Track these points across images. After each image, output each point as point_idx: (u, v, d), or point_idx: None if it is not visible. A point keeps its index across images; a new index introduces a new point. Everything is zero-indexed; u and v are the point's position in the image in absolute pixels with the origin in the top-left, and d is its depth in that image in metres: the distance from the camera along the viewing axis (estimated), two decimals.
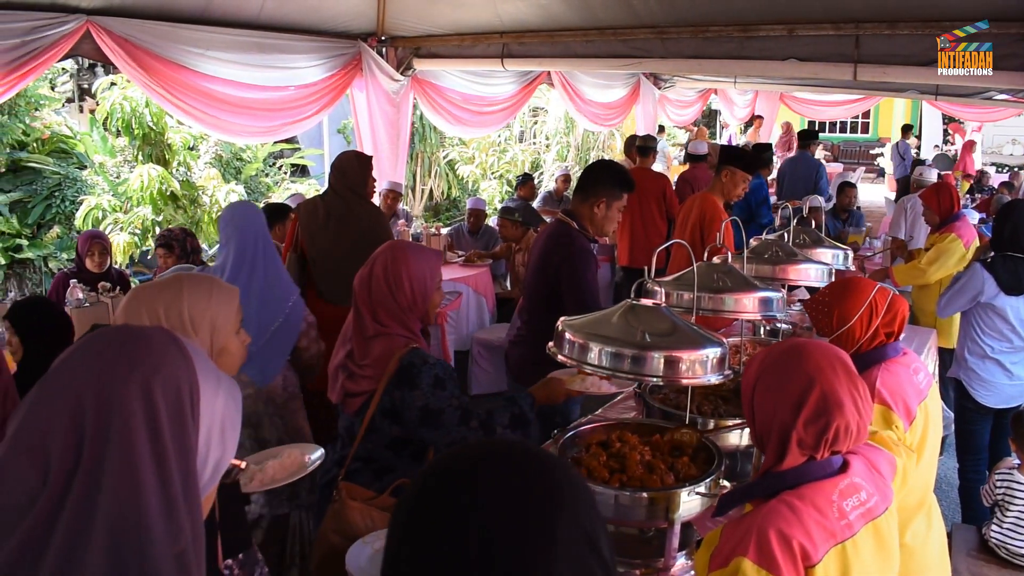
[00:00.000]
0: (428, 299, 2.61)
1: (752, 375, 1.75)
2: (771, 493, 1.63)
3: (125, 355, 1.10)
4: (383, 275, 2.56)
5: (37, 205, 10.13)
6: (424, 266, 2.59)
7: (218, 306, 2.00)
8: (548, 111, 14.80)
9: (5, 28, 4.63)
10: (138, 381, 1.07)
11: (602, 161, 4.18)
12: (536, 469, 0.94)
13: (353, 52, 7.12)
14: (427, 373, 2.49)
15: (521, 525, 0.88)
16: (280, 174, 12.98)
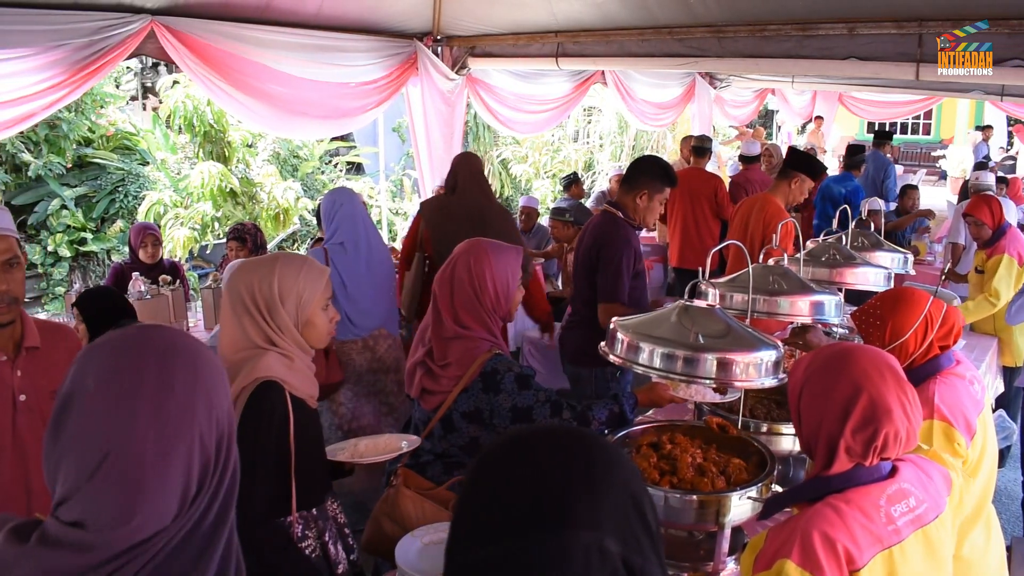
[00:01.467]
0: (511, 298, 2.63)
1: (798, 381, 1.73)
2: (817, 497, 1.61)
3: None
4: (466, 276, 2.57)
5: (101, 200, 10.40)
6: (506, 264, 2.60)
7: (306, 282, 2.18)
8: (602, 110, 14.75)
9: (74, 28, 4.76)
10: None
11: (647, 156, 4.38)
12: (587, 439, 1.01)
13: (409, 51, 7.18)
14: (509, 376, 2.53)
15: (568, 482, 0.94)
16: (336, 171, 13.14)
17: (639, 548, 0.95)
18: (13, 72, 4.64)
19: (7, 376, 2.15)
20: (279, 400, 2.08)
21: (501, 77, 8.01)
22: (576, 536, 0.91)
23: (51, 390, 2.20)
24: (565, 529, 0.91)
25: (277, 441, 2.08)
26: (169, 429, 1.08)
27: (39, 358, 2.22)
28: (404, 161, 13.81)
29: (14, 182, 9.90)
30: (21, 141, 9.60)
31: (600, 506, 0.93)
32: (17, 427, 2.15)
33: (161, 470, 1.07)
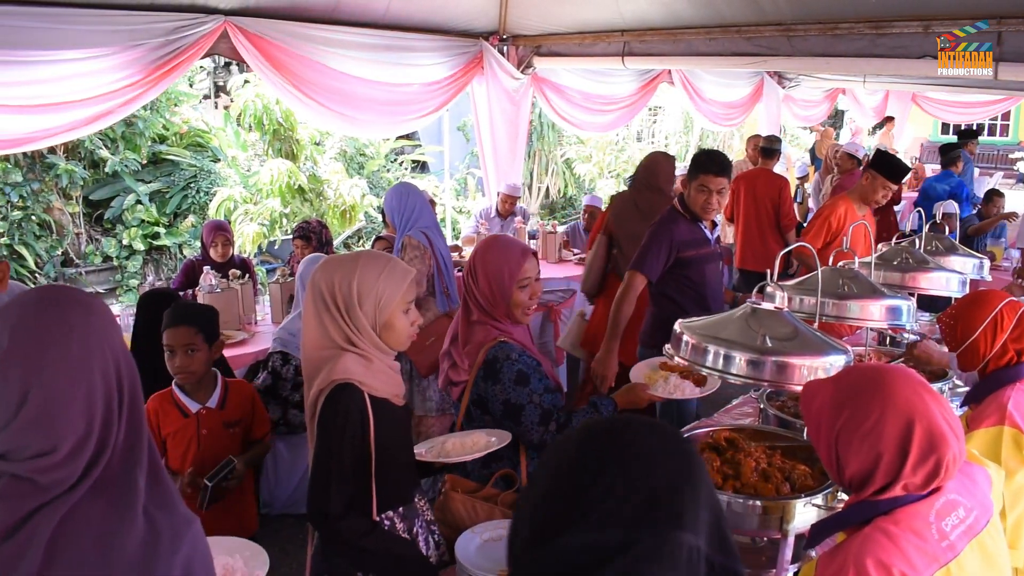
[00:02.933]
0: (507, 295, 2.61)
1: (826, 418, 1.60)
2: (864, 520, 1.54)
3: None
4: (470, 267, 2.67)
5: (174, 195, 10.67)
6: (501, 262, 2.60)
7: (386, 284, 2.14)
8: (666, 110, 14.62)
9: (151, 28, 4.89)
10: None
11: (705, 150, 4.72)
12: (682, 437, 1.07)
13: (475, 51, 7.21)
14: (509, 368, 2.53)
15: (679, 481, 1.00)
16: (401, 169, 13.26)
17: (721, 547, 0.99)
18: (93, 71, 4.79)
19: None
20: (355, 402, 2.10)
21: (567, 76, 8.00)
22: (684, 538, 0.96)
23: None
24: (677, 530, 0.96)
25: (353, 443, 2.10)
26: (75, 370, 1.25)
27: None
28: (468, 160, 13.88)
29: (92, 177, 10.22)
30: (99, 138, 9.90)
31: (699, 508, 0.98)
32: None
33: (71, 406, 1.24)
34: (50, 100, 4.72)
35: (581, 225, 7.68)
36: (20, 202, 9.22)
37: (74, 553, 1.21)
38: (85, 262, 10.11)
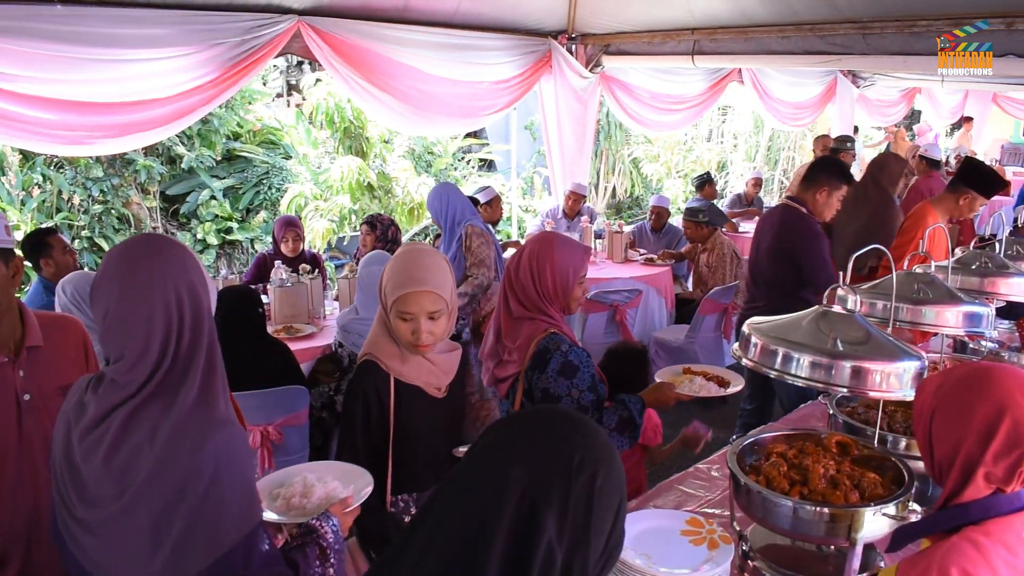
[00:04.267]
0: (568, 292, 2.67)
1: (927, 402, 1.60)
2: (953, 528, 1.49)
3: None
4: (529, 263, 2.66)
5: (247, 191, 10.91)
6: (568, 259, 2.66)
7: (390, 288, 2.27)
8: (736, 109, 14.43)
9: (227, 28, 5.02)
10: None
11: (826, 156, 5.06)
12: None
13: (543, 49, 7.22)
14: (556, 359, 2.56)
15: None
16: (468, 168, 13.34)
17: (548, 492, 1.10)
18: (171, 70, 4.94)
19: (9, 377, 2.13)
20: (373, 380, 2.25)
21: (636, 75, 7.96)
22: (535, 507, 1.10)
23: (58, 386, 2.19)
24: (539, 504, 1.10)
25: (365, 416, 2.25)
26: (138, 298, 1.53)
27: (42, 356, 2.20)
28: (535, 159, 13.89)
29: (169, 173, 10.52)
30: (176, 135, 10.17)
31: (569, 498, 1.11)
32: (23, 427, 2.14)
33: (135, 324, 1.53)
34: (132, 98, 4.88)
35: (648, 225, 7.63)
36: (101, 196, 9.54)
37: (130, 445, 1.50)
38: None
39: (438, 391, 2.34)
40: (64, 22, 4.43)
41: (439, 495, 1.17)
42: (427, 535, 1.14)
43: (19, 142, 5.13)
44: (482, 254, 4.76)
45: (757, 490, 1.93)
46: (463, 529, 1.11)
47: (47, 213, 9.14)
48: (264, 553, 1.59)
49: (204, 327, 1.60)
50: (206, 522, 1.49)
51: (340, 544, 1.82)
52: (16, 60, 4.36)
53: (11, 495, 2.13)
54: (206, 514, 1.49)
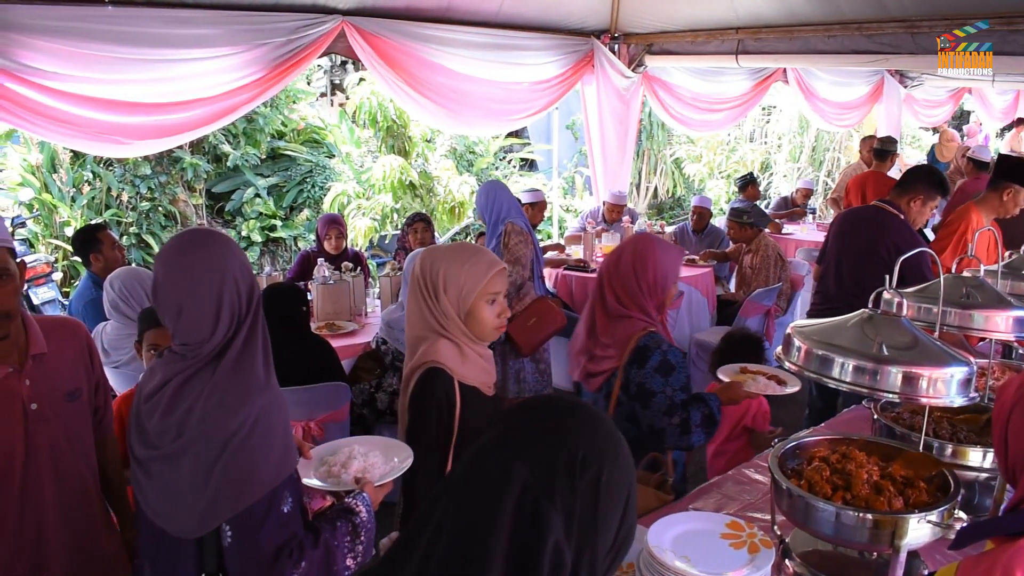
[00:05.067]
0: (666, 289, 2.80)
1: (1007, 401, 1.55)
2: (1020, 531, 1.47)
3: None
4: (631, 261, 2.77)
5: (291, 190, 11.03)
6: (667, 258, 2.79)
7: (468, 275, 2.23)
8: (780, 109, 14.27)
9: (273, 28, 5.08)
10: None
11: (923, 165, 5.07)
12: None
13: (586, 49, 7.21)
14: (656, 356, 2.68)
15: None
16: (510, 167, 13.36)
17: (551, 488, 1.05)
18: (218, 69, 5.02)
19: (16, 387, 2.09)
20: (443, 387, 2.23)
21: (678, 75, 7.91)
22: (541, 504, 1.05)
23: (65, 392, 2.21)
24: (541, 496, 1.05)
25: (439, 424, 2.23)
26: (202, 286, 1.72)
27: (48, 363, 2.17)
28: (576, 159, 13.87)
29: (215, 171, 10.67)
30: (222, 133, 10.32)
31: (575, 495, 1.06)
32: (31, 437, 2.11)
33: (204, 312, 1.72)
34: (179, 98, 4.97)
35: (689, 226, 7.58)
36: (148, 194, 9.71)
37: (184, 404, 1.71)
38: None
39: (490, 389, 2.38)
40: (114, 23, 4.52)
41: (441, 494, 1.13)
42: (430, 536, 1.09)
43: (69, 142, 5.24)
44: (519, 252, 4.78)
45: (799, 494, 1.91)
46: (465, 529, 1.07)
47: (96, 210, 9.33)
48: (283, 514, 1.74)
49: (252, 306, 1.80)
50: (237, 475, 1.68)
51: (372, 522, 1.92)
52: (66, 60, 4.46)
53: (19, 505, 2.10)
54: (238, 468, 1.68)
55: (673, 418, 2.66)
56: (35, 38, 4.31)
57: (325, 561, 1.80)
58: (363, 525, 1.89)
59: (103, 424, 2.44)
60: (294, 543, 1.75)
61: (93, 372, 2.35)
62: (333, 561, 1.82)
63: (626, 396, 2.74)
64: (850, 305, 4.21)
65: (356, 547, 1.87)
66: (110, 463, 2.48)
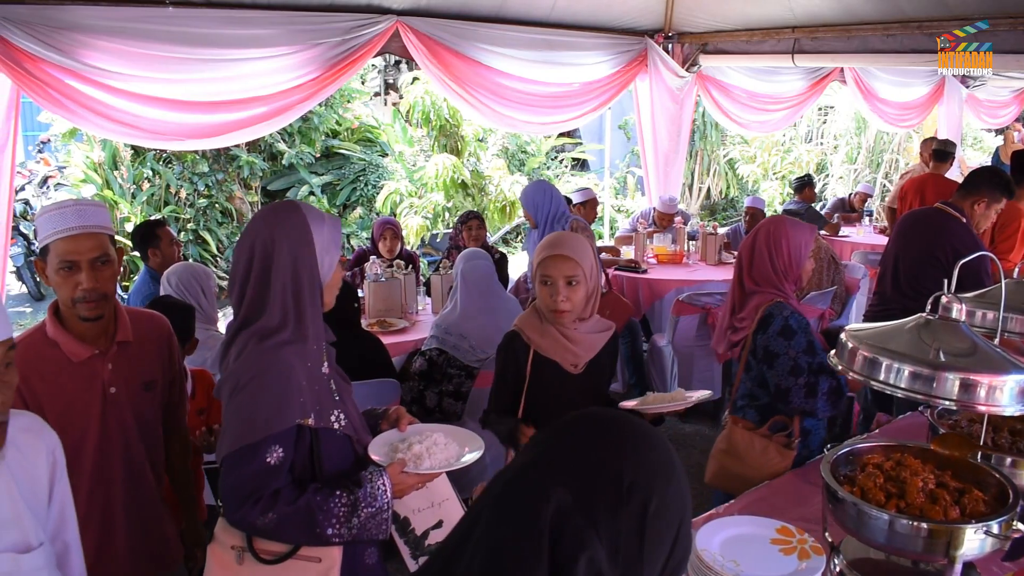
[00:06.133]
0: (801, 265, 2.94)
1: None
2: None
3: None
4: (765, 241, 2.94)
5: (344, 188, 11.16)
6: (800, 235, 2.94)
7: (536, 255, 2.64)
8: (837, 110, 14.04)
9: (329, 28, 5.15)
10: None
11: (988, 167, 4.88)
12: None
13: (639, 48, 7.17)
14: (778, 321, 2.81)
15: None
16: (561, 167, 13.35)
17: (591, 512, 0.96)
18: (274, 69, 5.10)
19: (99, 369, 2.19)
20: (516, 349, 2.63)
21: (733, 74, 7.83)
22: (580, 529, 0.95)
23: (142, 381, 2.30)
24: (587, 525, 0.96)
25: (504, 376, 2.68)
26: (239, 246, 1.95)
27: (130, 351, 2.27)
28: (628, 159, 13.80)
29: (270, 169, 10.84)
30: (278, 132, 10.47)
31: (618, 519, 0.97)
32: (106, 419, 2.20)
33: (274, 294, 1.91)
34: (236, 96, 5.05)
35: (743, 227, 7.49)
36: (205, 191, 9.90)
37: (231, 375, 1.88)
38: None
39: (574, 367, 2.60)
40: (174, 23, 4.62)
41: (478, 513, 1.03)
42: (467, 559, 0.99)
43: (129, 139, 5.37)
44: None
45: (852, 501, 1.87)
46: (501, 557, 0.96)
47: (155, 206, 9.54)
48: (266, 464, 1.84)
49: (272, 275, 1.90)
50: (236, 417, 1.86)
51: (381, 501, 1.93)
52: (128, 60, 4.57)
53: (89, 481, 2.19)
54: (238, 411, 1.86)
55: (799, 379, 2.75)
56: (98, 38, 4.43)
57: (306, 521, 1.85)
58: (364, 499, 1.90)
59: (175, 417, 2.53)
60: (266, 493, 1.84)
61: (171, 367, 2.43)
62: (314, 523, 1.86)
63: (755, 360, 2.90)
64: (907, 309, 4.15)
65: (351, 519, 1.89)
66: (178, 456, 2.58)
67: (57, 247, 2.08)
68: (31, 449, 1.65)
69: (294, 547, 1.93)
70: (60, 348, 2.15)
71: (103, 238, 2.14)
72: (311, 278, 1.93)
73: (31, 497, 1.64)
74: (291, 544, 1.92)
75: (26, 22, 4.21)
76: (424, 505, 2.25)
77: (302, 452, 1.92)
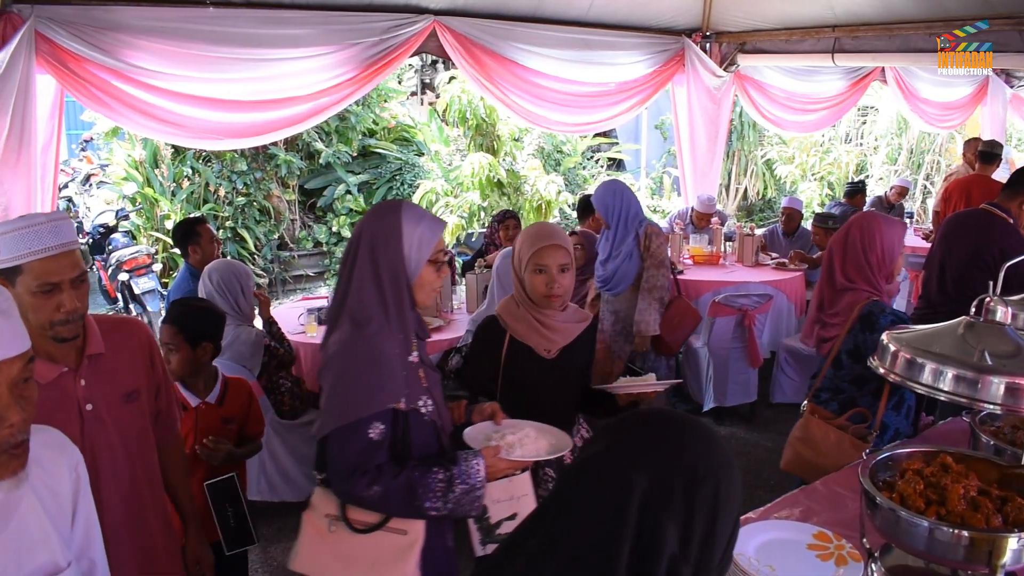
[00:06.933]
0: (893, 260, 3.01)
1: None
2: None
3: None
4: (858, 236, 3.01)
5: (381, 187, 11.23)
6: (894, 232, 3.01)
7: (522, 245, 2.71)
8: (878, 110, 13.84)
9: (367, 27, 5.18)
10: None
11: None
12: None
13: (676, 48, 7.13)
14: (884, 318, 2.89)
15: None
16: (597, 167, 13.31)
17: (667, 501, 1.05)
18: (312, 69, 5.14)
19: (70, 387, 2.04)
20: (494, 332, 2.73)
21: (771, 74, 7.75)
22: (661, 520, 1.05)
23: (122, 393, 2.16)
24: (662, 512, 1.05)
25: (477, 358, 2.82)
26: (363, 272, 2.09)
27: (104, 363, 2.11)
28: (665, 159, 13.73)
29: (308, 168, 10.94)
30: (315, 131, 10.57)
31: (696, 511, 1.06)
32: (86, 438, 2.03)
33: (368, 292, 2.08)
34: (275, 96, 5.10)
35: (780, 229, 7.40)
36: (244, 189, 10.00)
37: (332, 359, 2.04)
38: (298, 247, 10.84)
39: (547, 352, 2.69)
40: (214, 23, 4.67)
41: (550, 502, 1.14)
42: (540, 546, 1.09)
43: (170, 138, 5.43)
44: (661, 254, 4.75)
45: (891, 508, 1.84)
46: (582, 542, 1.06)
47: (195, 204, 9.66)
48: (370, 441, 1.99)
49: (363, 268, 2.07)
50: (340, 397, 2.00)
51: (475, 479, 2.06)
52: (169, 60, 4.63)
53: None
54: (342, 391, 2.01)
55: None
56: (140, 38, 4.50)
57: (407, 494, 2.00)
58: (459, 476, 2.03)
59: (165, 427, 2.39)
60: (371, 467, 1.99)
61: (154, 374, 2.30)
62: (415, 497, 2.00)
63: (850, 360, 2.96)
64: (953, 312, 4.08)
65: (448, 494, 2.02)
66: (173, 466, 2.44)
67: (33, 268, 1.91)
68: (54, 466, 1.59)
69: (384, 519, 2.06)
70: None
71: (78, 254, 2.01)
72: (394, 273, 2.07)
73: (57, 515, 1.58)
74: (392, 515, 2.06)
75: (71, 22, 4.27)
76: (504, 497, 2.37)
77: (395, 433, 2.06)
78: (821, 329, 3.11)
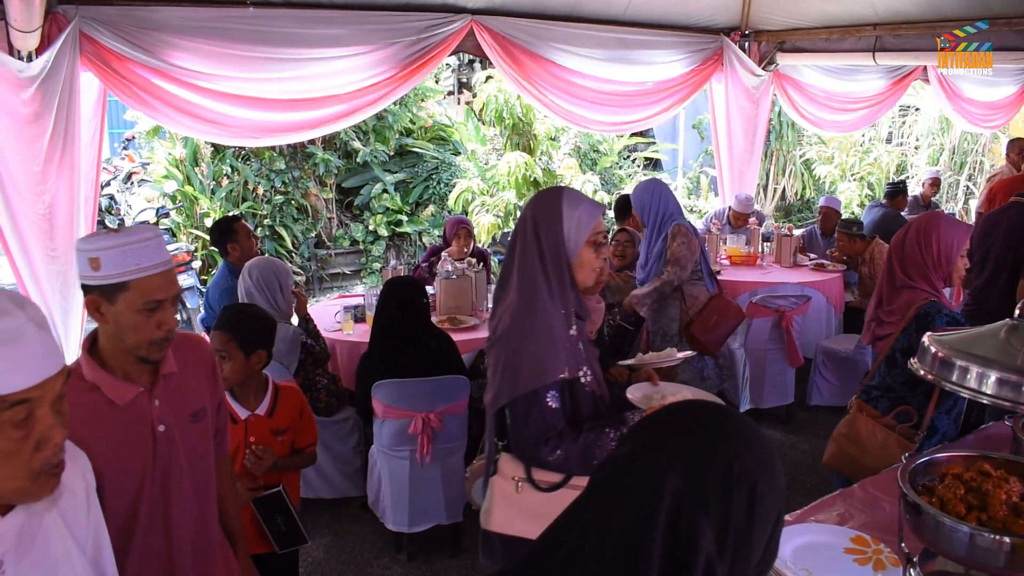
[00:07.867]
0: (951, 262, 2.99)
1: None
2: None
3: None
4: (916, 236, 3.02)
5: (417, 186, 11.28)
6: (953, 233, 2.99)
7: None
8: (920, 109, 13.62)
9: (405, 27, 5.21)
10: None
11: None
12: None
13: (715, 47, 7.08)
14: (940, 319, 2.89)
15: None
16: (633, 167, 13.26)
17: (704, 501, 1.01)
18: (350, 68, 5.18)
19: (146, 408, 1.97)
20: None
21: (810, 73, 7.67)
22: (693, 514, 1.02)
23: (190, 412, 2.09)
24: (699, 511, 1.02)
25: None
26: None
27: (176, 382, 2.05)
28: (702, 159, 13.64)
29: (345, 167, 11.02)
30: (352, 130, 10.63)
31: (731, 508, 1.03)
32: (158, 458, 1.99)
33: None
34: (313, 95, 5.15)
35: (818, 229, 7.32)
36: (282, 187, 10.10)
37: (506, 333, 2.21)
38: (335, 245, 10.92)
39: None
40: (254, 23, 4.73)
41: (585, 498, 1.11)
42: (574, 542, 1.06)
43: (211, 136, 5.50)
44: (679, 253, 4.70)
45: (930, 512, 1.82)
46: (614, 542, 1.02)
47: (234, 202, 9.78)
48: (549, 408, 2.16)
49: (526, 247, 2.24)
50: (512, 371, 2.17)
51: None
52: (210, 59, 4.69)
53: (143, 535, 2.00)
54: (513, 365, 2.17)
55: None
56: (182, 38, 4.56)
57: (585, 455, 2.16)
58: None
59: (221, 445, 2.33)
60: (553, 433, 2.16)
61: (216, 391, 2.24)
62: (592, 456, 2.16)
63: (904, 359, 2.89)
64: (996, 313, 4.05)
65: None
66: (223, 484, 2.35)
67: (140, 285, 1.85)
68: (69, 476, 1.48)
69: (566, 477, 2.21)
70: (101, 391, 1.91)
71: (172, 273, 1.96)
72: (556, 252, 2.22)
73: (75, 528, 1.53)
74: (572, 474, 2.21)
75: (113, 23, 4.34)
76: None
77: (564, 401, 2.21)
78: (877, 327, 3.14)
